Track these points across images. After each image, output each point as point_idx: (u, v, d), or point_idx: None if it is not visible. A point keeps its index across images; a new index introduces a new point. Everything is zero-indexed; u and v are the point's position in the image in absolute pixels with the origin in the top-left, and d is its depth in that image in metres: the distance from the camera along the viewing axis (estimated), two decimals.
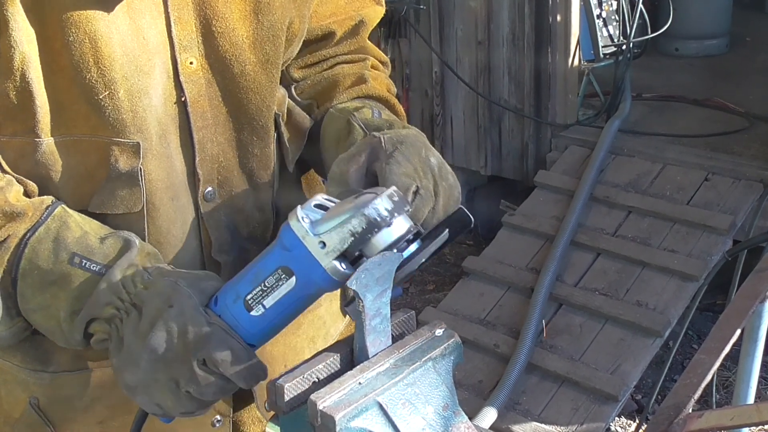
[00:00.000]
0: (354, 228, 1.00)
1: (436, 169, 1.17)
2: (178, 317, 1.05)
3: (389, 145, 1.16)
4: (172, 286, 1.08)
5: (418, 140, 1.20)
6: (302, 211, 1.02)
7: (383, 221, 1.00)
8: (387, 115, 1.33)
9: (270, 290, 1.04)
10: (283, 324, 1.08)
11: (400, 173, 1.12)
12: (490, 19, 4.53)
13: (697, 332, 4.01)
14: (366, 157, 1.16)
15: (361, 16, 1.40)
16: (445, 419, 1.01)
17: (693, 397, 1.56)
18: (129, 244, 1.13)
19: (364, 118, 1.29)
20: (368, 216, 1.00)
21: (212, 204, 1.25)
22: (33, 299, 1.13)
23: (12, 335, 1.18)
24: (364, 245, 1.01)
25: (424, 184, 1.14)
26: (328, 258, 1.01)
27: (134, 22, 1.13)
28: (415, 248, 1.05)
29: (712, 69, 5.37)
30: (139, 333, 1.07)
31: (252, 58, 1.22)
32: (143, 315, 1.07)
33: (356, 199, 1.03)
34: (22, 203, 1.13)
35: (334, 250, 1.00)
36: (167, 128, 1.19)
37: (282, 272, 1.03)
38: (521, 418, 3.22)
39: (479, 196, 5.00)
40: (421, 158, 1.16)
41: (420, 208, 1.12)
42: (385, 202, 1.01)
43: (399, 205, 1.02)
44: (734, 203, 3.78)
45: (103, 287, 1.09)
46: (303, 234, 1.01)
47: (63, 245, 1.12)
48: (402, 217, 1.03)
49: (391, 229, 1.01)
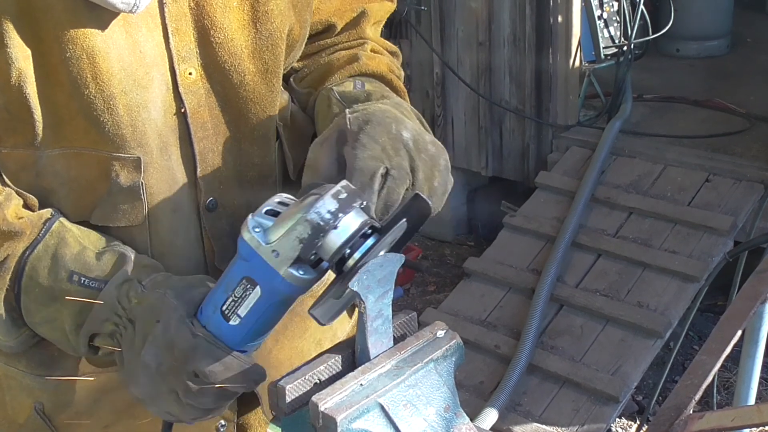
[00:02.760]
0: (300, 234, 0.98)
1: (411, 143, 1.13)
2: (164, 332, 1.05)
3: (354, 126, 1.13)
4: (160, 299, 1.07)
5: (387, 115, 1.15)
6: (253, 221, 1.01)
7: (327, 224, 0.98)
8: (371, 85, 1.28)
9: (240, 300, 1.04)
10: (265, 329, 1.07)
11: (365, 157, 1.09)
12: (491, 20, 4.53)
13: (698, 333, 4.00)
14: (335, 141, 1.14)
15: (363, 8, 1.38)
16: (447, 420, 1.01)
17: (694, 398, 1.56)
18: (124, 258, 1.13)
19: (342, 90, 1.26)
20: (311, 221, 0.98)
21: (214, 214, 1.25)
22: (37, 314, 1.14)
23: (19, 344, 1.19)
24: (317, 249, 0.99)
25: (395, 163, 1.10)
26: (283, 266, 1.00)
27: (130, 36, 1.13)
28: (371, 243, 1.00)
29: (713, 70, 5.36)
30: (134, 349, 1.07)
31: (251, 67, 1.21)
32: (136, 331, 1.08)
33: (302, 203, 1.00)
34: (20, 221, 1.13)
35: (287, 257, 0.99)
36: (168, 140, 1.19)
37: (247, 282, 1.03)
38: (522, 419, 3.22)
39: (480, 197, 5.00)
40: (391, 135, 1.12)
41: (393, 189, 1.09)
42: (328, 204, 0.99)
43: (347, 202, 0.99)
44: (735, 204, 3.78)
45: (101, 304, 1.10)
46: (255, 245, 1.00)
47: (61, 263, 1.12)
48: (352, 213, 0.99)
49: (338, 230, 0.99)
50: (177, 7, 1.15)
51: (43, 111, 1.12)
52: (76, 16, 1.09)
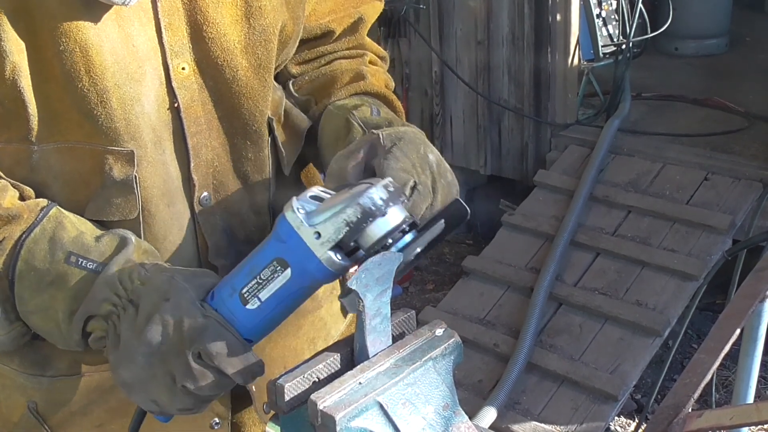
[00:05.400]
0: (349, 217, 0.99)
1: (434, 165, 1.17)
2: (174, 310, 1.05)
3: (387, 141, 1.16)
4: (168, 281, 1.08)
5: (417, 137, 1.20)
6: (298, 202, 1.02)
7: (378, 210, 1.00)
8: (386, 112, 1.33)
9: (265, 283, 1.04)
10: (280, 318, 1.08)
11: (398, 168, 1.12)
12: (490, 19, 4.53)
13: (696, 332, 4.01)
14: (365, 154, 1.16)
15: (359, 13, 1.40)
16: (446, 419, 1.01)
17: (692, 397, 1.56)
18: (125, 241, 1.14)
19: (363, 116, 1.30)
20: (363, 205, 0.99)
21: (208, 209, 1.25)
22: (31, 301, 1.13)
23: (11, 340, 1.17)
24: (359, 235, 1.00)
25: (422, 180, 1.14)
26: (323, 248, 1.00)
27: (123, 29, 1.13)
28: (410, 238, 1.04)
29: (712, 68, 5.36)
30: (135, 328, 1.07)
31: (244, 62, 1.22)
32: (140, 310, 1.07)
33: (351, 190, 1.02)
34: (17, 206, 1.13)
35: (329, 240, 1.00)
36: (161, 135, 1.19)
37: (277, 264, 1.03)
38: (521, 417, 3.22)
39: (479, 196, 5.00)
40: (420, 155, 1.16)
41: (418, 203, 1.12)
42: (380, 192, 1.01)
43: (394, 196, 1.02)
44: (734, 203, 3.78)
45: (100, 284, 1.10)
46: (298, 224, 1.01)
47: (59, 245, 1.12)
48: (397, 207, 1.02)
49: (386, 218, 1.01)
50: (169, 2, 1.16)
51: (38, 105, 1.12)
52: (69, 10, 1.09)
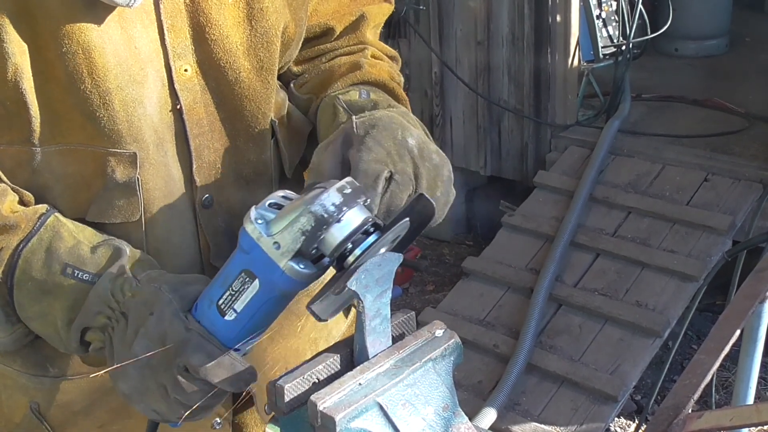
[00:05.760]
0: (303, 226, 0.97)
1: (415, 150, 1.13)
2: (157, 325, 1.05)
3: (361, 130, 1.13)
4: (155, 293, 1.07)
5: (394, 122, 1.15)
6: (256, 212, 1.01)
7: (331, 217, 0.97)
8: (376, 95, 1.29)
9: (237, 294, 1.03)
10: (260, 326, 1.07)
11: (370, 159, 1.10)
12: (490, 20, 4.53)
13: (696, 332, 4.00)
14: (340, 144, 1.14)
15: (362, 11, 1.38)
16: (445, 420, 1.01)
17: (692, 398, 1.56)
18: (119, 252, 1.13)
19: (349, 99, 1.27)
20: (315, 213, 0.97)
21: (210, 210, 1.25)
22: (30, 308, 1.13)
23: (13, 341, 1.18)
24: (318, 242, 0.98)
25: (399, 168, 1.11)
26: (284, 258, 0.99)
27: (125, 31, 1.13)
28: (373, 240, 0.99)
29: (712, 69, 5.36)
30: (125, 341, 1.07)
31: (246, 64, 1.22)
32: (129, 323, 1.07)
33: (305, 195, 1.00)
34: (15, 215, 1.13)
35: (288, 250, 0.99)
36: (163, 137, 1.19)
37: (245, 275, 1.02)
38: (521, 418, 3.22)
39: (479, 197, 5.00)
40: (397, 141, 1.13)
41: (396, 193, 1.10)
42: (332, 197, 0.98)
43: (351, 197, 0.99)
44: (734, 203, 3.78)
45: (93, 297, 1.10)
46: (257, 236, 0.99)
47: (55, 256, 1.12)
48: (356, 209, 0.99)
49: (341, 224, 0.98)
50: (172, 4, 1.16)
51: (40, 107, 1.12)
52: (72, 11, 1.09)
